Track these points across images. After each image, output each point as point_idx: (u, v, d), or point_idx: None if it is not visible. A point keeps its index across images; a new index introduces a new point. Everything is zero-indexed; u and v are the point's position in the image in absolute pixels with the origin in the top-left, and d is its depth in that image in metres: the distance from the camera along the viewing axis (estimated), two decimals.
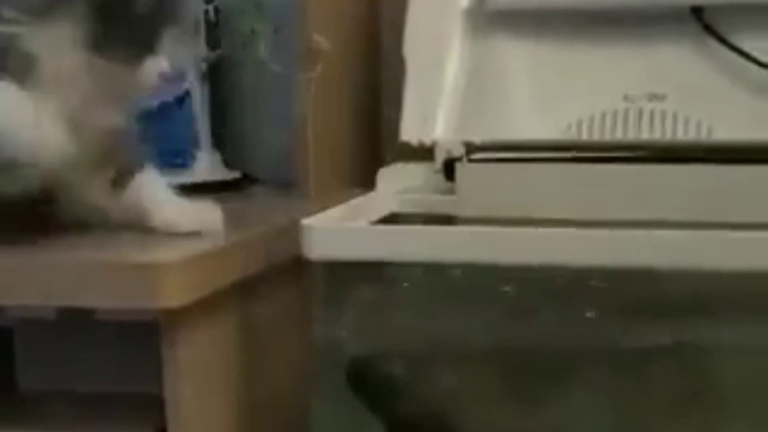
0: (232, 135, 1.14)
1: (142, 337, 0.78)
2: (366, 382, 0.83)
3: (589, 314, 0.79)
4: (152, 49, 0.77)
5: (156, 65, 0.78)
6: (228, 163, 1.10)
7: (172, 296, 0.72)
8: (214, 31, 1.07)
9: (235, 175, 1.09)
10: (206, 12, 1.04)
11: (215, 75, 1.11)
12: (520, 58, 0.99)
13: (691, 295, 0.79)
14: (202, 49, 1.06)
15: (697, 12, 0.95)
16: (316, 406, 0.81)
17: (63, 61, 0.75)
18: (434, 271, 0.80)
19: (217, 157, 1.09)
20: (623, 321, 0.81)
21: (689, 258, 0.74)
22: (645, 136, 0.95)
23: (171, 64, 0.78)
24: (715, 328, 0.80)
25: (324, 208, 0.82)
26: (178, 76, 1.08)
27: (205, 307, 0.76)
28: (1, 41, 0.74)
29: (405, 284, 0.83)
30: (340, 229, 0.79)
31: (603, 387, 0.81)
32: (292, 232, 0.78)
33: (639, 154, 0.92)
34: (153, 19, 0.77)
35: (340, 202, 0.86)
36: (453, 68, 1.00)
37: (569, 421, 0.82)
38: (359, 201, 0.89)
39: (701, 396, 0.80)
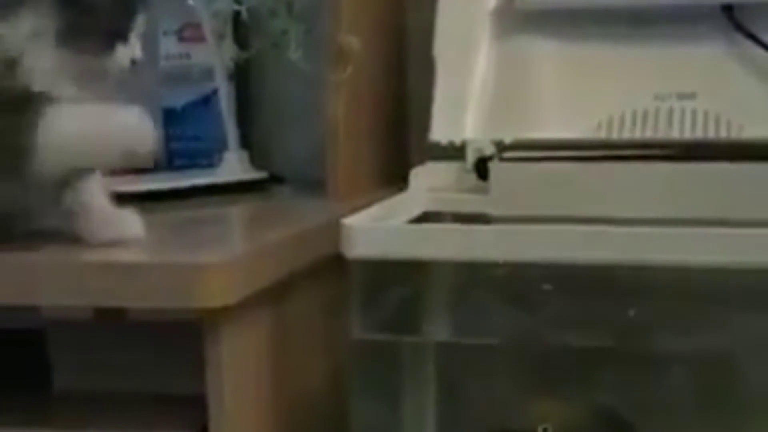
0: (259, 135, 1.14)
1: (178, 336, 0.78)
2: None
3: (629, 312, 0.79)
4: (123, 37, 0.78)
5: (128, 53, 0.79)
6: (255, 164, 1.10)
7: (214, 296, 0.73)
8: (245, 31, 1.07)
9: (262, 175, 1.09)
10: (238, 12, 1.04)
11: (244, 75, 1.12)
12: (550, 58, 0.99)
13: (723, 294, 0.80)
14: (230, 49, 1.07)
15: (727, 10, 0.95)
16: (354, 403, 0.82)
17: (38, 55, 0.75)
18: (471, 268, 0.80)
19: (245, 157, 1.09)
20: (656, 319, 0.81)
21: (722, 256, 0.74)
22: (675, 134, 0.95)
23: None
24: (749, 329, 0.80)
25: (353, 207, 0.83)
26: (206, 75, 1.09)
27: (246, 306, 0.76)
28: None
29: (443, 281, 0.83)
30: (379, 228, 0.79)
31: (631, 386, 0.81)
32: (330, 231, 0.79)
33: (669, 152, 0.93)
34: (121, 8, 0.78)
35: (368, 202, 0.87)
36: (482, 68, 1.00)
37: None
38: (393, 200, 0.89)
39: (733, 398, 0.81)
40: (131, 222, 0.79)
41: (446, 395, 0.86)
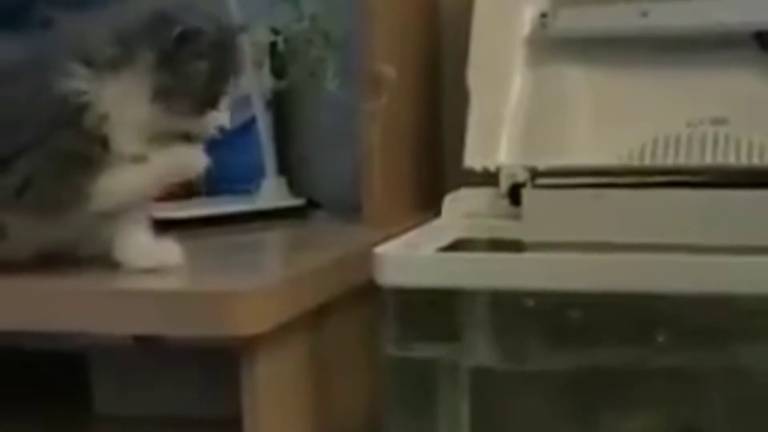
0: (297, 162, 1.16)
1: (217, 361, 0.80)
2: None
3: (660, 338, 0.79)
4: (213, 104, 0.81)
5: (215, 119, 0.82)
6: (293, 190, 1.11)
7: (247, 324, 0.74)
8: (282, 60, 1.09)
9: (300, 201, 1.11)
10: (274, 42, 1.06)
11: (282, 103, 1.14)
12: (582, 84, 1.00)
13: (757, 319, 0.80)
14: (267, 78, 1.09)
15: (759, 37, 0.96)
16: (388, 429, 0.83)
17: (128, 112, 0.78)
18: (503, 296, 0.81)
19: (282, 184, 1.11)
20: (690, 344, 0.81)
21: (758, 283, 0.74)
22: (707, 160, 0.95)
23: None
24: None
25: (389, 234, 0.84)
26: (244, 103, 1.10)
27: (282, 332, 0.78)
28: (77, 98, 0.77)
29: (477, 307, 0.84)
30: (411, 257, 0.80)
31: (667, 409, 0.81)
32: (363, 258, 0.80)
33: (703, 178, 0.93)
34: (216, 77, 0.80)
35: (403, 227, 0.88)
36: (515, 95, 1.01)
37: None
38: (427, 227, 0.91)
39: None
40: (170, 250, 0.81)
41: (480, 419, 0.86)
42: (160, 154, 0.80)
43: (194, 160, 0.82)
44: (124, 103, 0.78)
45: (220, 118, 0.82)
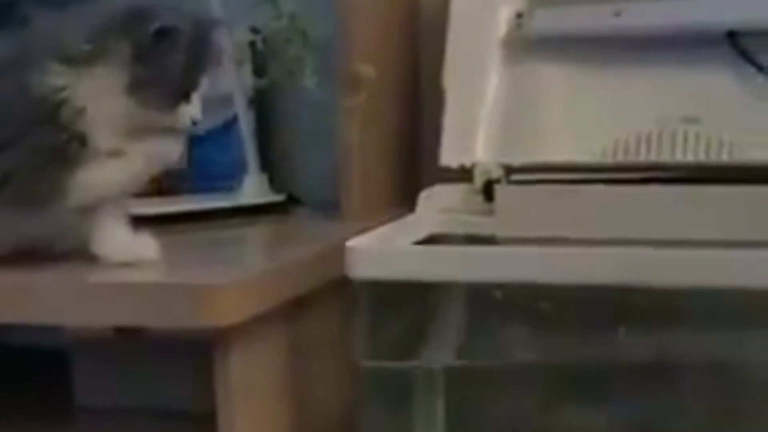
0: (278, 159, 1.18)
1: (197, 354, 0.81)
2: None
3: (621, 331, 0.81)
4: (187, 96, 0.82)
5: (189, 111, 0.83)
6: (274, 186, 1.13)
7: (223, 316, 0.76)
8: (262, 59, 1.11)
9: (281, 197, 1.12)
10: (254, 42, 1.08)
11: (263, 101, 1.15)
12: (556, 83, 1.02)
13: (723, 312, 0.81)
14: (248, 76, 1.10)
15: (731, 36, 0.97)
16: (360, 423, 0.84)
17: (104, 106, 0.80)
18: (473, 289, 0.82)
19: (264, 180, 1.12)
20: (656, 337, 0.83)
21: (723, 277, 0.76)
22: (679, 158, 0.97)
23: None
24: (748, 345, 0.81)
25: (366, 229, 0.86)
26: (226, 101, 1.12)
27: (256, 326, 0.79)
28: (54, 95, 0.78)
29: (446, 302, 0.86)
30: (382, 250, 0.82)
31: (635, 403, 0.83)
32: (338, 253, 0.81)
33: (673, 175, 0.95)
34: (189, 70, 0.82)
35: (382, 223, 0.89)
36: (491, 93, 1.03)
37: None
38: (401, 222, 0.92)
39: (733, 413, 0.82)
40: (147, 244, 0.83)
41: (456, 418, 0.88)
42: (137, 148, 0.81)
43: (169, 151, 0.83)
44: (100, 98, 0.80)
45: (193, 111, 0.83)
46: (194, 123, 0.84)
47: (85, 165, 0.80)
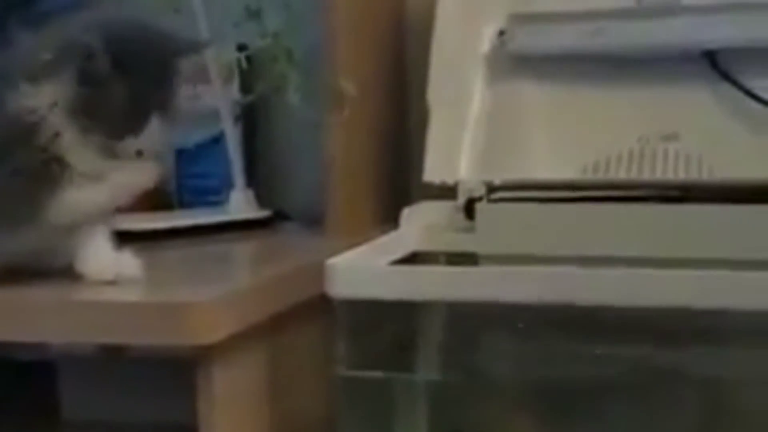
0: (265, 174, 1.19)
1: (181, 370, 0.82)
2: None
3: (598, 351, 0.82)
4: (134, 131, 0.81)
5: (134, 144, 0.82)
6: (261, 201, 1.14)
7: (203, 334, 0.77)
8: (248, 76, 1.12)
9: (267, 213, 1.13)
10: (239, 59, 1.09)
11: (249, 117, 1.16)
12: (539, 101, 1.03)
13: (701, 330, 0.82)
14: (235, 93, 1.11)
15: (708, 55, 0.98)
16: None
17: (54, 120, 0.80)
18: (452, 307, 0.83)
19: (251, 196, 1.13)
20: (635, 355, 0.84)
21: (702, 297, 0.76)
22: (659, 176, 0.98)
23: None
24: (726, 360, 0.82)
25: (351, 245, 0.87)
26: (213, 117, 1.13)
27: (237, 342, 0.80)
28: (27, 116, 0.80)
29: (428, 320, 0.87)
30: (361, 268, 0.83)
31: (615, 420, 0.84)
32: (320, 270, 0.82)
33: (653, 193, 0.96)
34: (139, 103, 0.81)
35: (367, 239, 0.91)
36: (475, 110, 1.04)
37: None
38: (383, 239, 0.93)
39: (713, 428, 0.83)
40: (129, 263, 0.84)
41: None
42: (115, 170, 0.82)
43: (146, 176, 0.84)
44: (53, 116, 0.80)
45: (141, 144, 0.82)
46: (139, 154, 0.82)
47: (65, 187, 0.80)
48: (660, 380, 0.82)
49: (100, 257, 0.83)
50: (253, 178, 1.15)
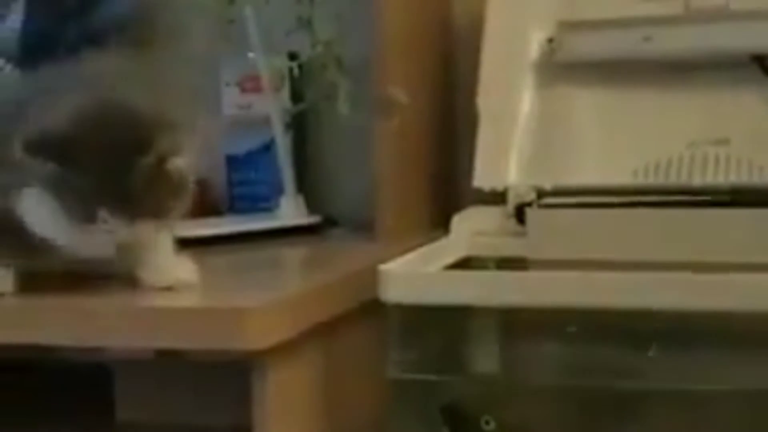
0: (314, 181, 1.20)
1: (234, 372, 0.84)
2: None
3: (650, 354, 0.82)
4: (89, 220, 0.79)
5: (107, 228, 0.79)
6: (310, 207, 1.15)
7: (258, 339, 0.78)
8: (298, 84, 1.13)
9: (317, 219, 1.15)
10: (291, 68, 1.10)
11: (300, 124, 1.18)
12: (589, 107, 1.04)
13: (757, 337, 0.82)
14: (286, 101, 1.13)
15: (758, 60, 0.98)
16: None
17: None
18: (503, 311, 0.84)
19: (300, 202, 1.15)
20: (688, 362, 0.84)
21: (755, 301, 0.77)
22: (709, 180, 0.98)
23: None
24: None
25: (400, 251, 0.88)
26: (264, 124, 1.15)
27: (291, 346, 0.81)
28: None
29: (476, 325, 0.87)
30: (414, 274, 0.84)
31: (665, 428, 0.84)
32: (371, 274, 0.83)
33: (704, 198, 0.96)
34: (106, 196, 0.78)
35: (416, 244, 0.91)
36: (524, 117, 1.05)
37: None
38: (435, 245, 0.94)
39: None
40: (188, 269, 0.85)
41: None
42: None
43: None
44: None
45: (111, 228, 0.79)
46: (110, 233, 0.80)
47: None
48: (711, 386, 0.81)
49: (160, 263, 0.84)
50: (302, 185, 1.16)
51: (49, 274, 0.84)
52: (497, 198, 1.02)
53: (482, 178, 1.02)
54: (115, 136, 0.79)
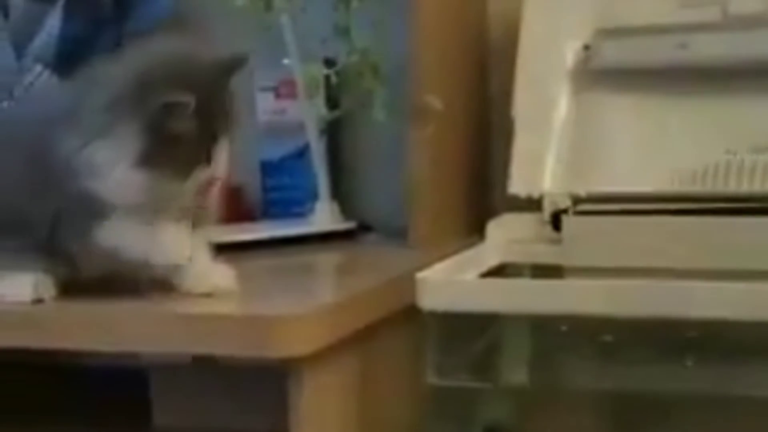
0: (349, 187, 1.20)
1: (269, 378, 0.84)
2: None
3: (688, 363, 0.82)
4: (201, 161, 0.83)
5: (204, 174, 0.83)
6: (345, 213, 1.16)
7: (295, 347, 0.78)
8: (334, 91, 1.14)
9: (351, 225, 1.15)
10: (327, 76, 1.11)
11: (335, 131, 1.18)
12: (624, 114, 1.03)
13: None
14: (321, 107, 1.13)
15: None
16: None
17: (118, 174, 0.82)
18: (539, 321, 0.84)
19: (335, 208, 1.15)
20: (725, 371, 0.83)
21: None
22: (746, 188, 0.97)
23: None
24: None
25: (435, 257, 0.88)
26: (299, 130, 1.15)
27: (327, 354, 0.82)
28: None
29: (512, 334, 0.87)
30: (451, 282, 0.84)
31: None
32: (407, 281, 0.84)
33: (741, 206, 0.96)
34: (205, 136, 0.82)
35: (451, 251, 0.92)
36: (559, 124, 1.05)
37: None
38: (471, 252, 0.94)
39: None
40: (225, 275, 0.86)
41: None
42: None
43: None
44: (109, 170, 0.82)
45: (209, 172, 0.83)
46: (214, 181, 0.84)
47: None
48: (744, 396, 0.81)
49: (198, 269, 0.85)
50: (337, 191, 1.16)
51: (88, 281, 0.85)
52: (532, 205, 1.02)
53: (518, 184, 1.02)
54: (207, 68, 0.83)
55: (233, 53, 0.85)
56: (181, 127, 0.81)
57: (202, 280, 0.85)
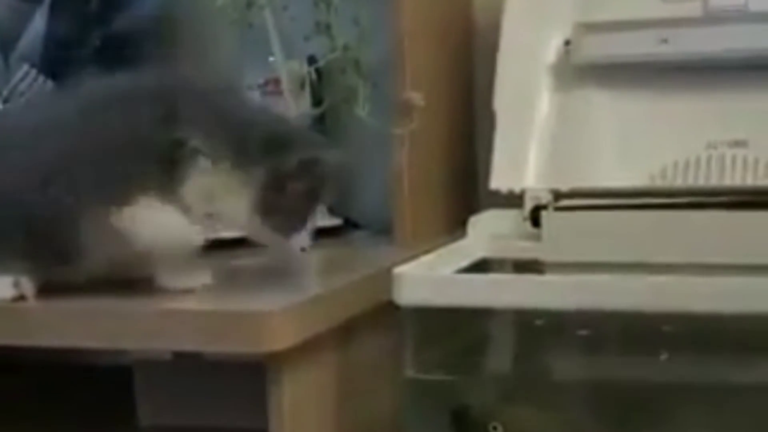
0: None
1: (253, 375, 0.84)
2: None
3: (663, 356, 0.82)
4: (305, 223, 0.86)
5: (301, 241, 0.87)
6: (330, 210, 1.16)
7: (274, 342, 0.78)
8: (317, 88, 1.14)
9: (337, 221, 1.15)
10: (310, 72, 1.11)
11: (319, 128, 1.18)
12: (605, 109, 1.04)
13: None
14: (306, 105, 1.14)
15: None
16: None
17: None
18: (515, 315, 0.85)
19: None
20: (701, 364, 0.84)
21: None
22: (727, 182, 0.98)
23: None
24: None
25: (419, 253, 0.88)
26: None
27: (307, 348, 0.82)
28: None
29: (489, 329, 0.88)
30: (427, 278, 0.84)
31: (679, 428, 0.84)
32: (387, 278, 0.84)
33: (722, 200, 0.96)
34: (311, 197, 0.86)
35: (435, 247, 0.92)
36: (541, 119, 1.05)
37: None
38: (450, 248, 0.94)
39: None
40: (201, 272, 0.86)
41: None
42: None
43: None
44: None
45: (305, 239, 0.87)
46: (303, 250, 0.87)
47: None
48: (727, 390, 0.81)
49: (178, 266, 0.85)
50: None
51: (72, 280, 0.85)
52: (516, 200, 1.03)
53: (499, 180, 1.03)
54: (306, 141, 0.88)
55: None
56: (303, 185, 0.85)
57: (180, 277, 0.85)
